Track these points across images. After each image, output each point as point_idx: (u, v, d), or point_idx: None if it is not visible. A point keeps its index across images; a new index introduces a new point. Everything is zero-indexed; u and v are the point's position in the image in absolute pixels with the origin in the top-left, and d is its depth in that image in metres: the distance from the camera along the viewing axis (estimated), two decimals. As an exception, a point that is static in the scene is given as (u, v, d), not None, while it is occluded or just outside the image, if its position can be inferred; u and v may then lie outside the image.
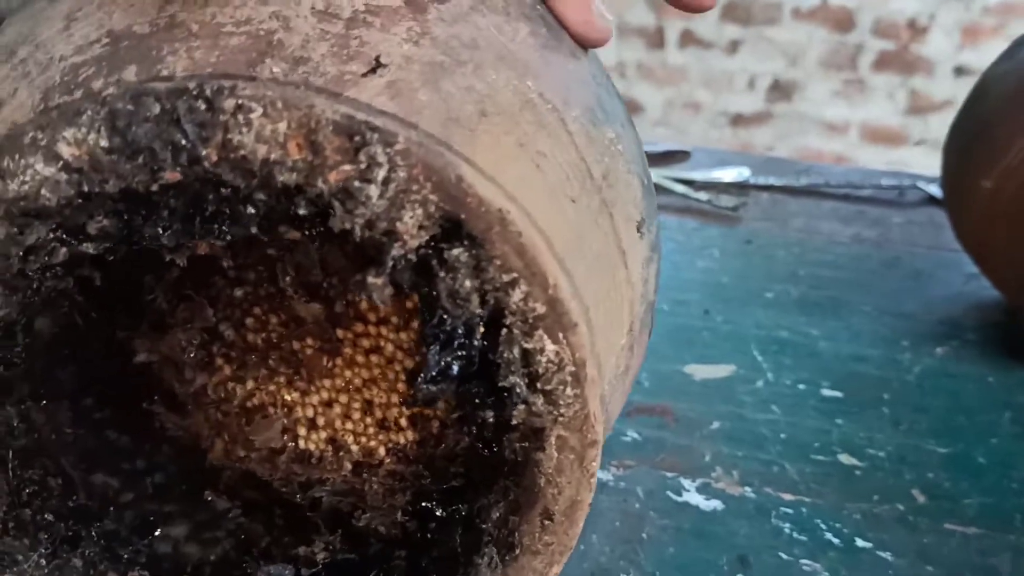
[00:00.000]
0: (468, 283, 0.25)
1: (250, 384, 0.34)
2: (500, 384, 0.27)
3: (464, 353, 0.27)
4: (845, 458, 0.52)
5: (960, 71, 2.23)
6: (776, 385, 0.57)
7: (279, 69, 0.24)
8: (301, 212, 0.24)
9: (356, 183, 0.23)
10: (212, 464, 0.36)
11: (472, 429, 0.30)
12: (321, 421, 0.34)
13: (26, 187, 0.23)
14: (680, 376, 0.57)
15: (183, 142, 0.23)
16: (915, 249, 0.75)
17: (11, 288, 0.26)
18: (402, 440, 0.34)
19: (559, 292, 0.26)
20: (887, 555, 0.45)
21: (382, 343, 0.33)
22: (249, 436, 0.34)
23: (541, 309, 0.26)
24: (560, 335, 0.26)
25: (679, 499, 0.48)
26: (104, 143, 0.23)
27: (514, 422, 0.28)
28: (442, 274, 0.25)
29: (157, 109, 0.23)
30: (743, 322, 0.63)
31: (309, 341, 0.33)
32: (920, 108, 2.30)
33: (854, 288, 0.69)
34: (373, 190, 0.24)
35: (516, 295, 0.25)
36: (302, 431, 0.34)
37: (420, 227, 0.24)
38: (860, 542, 0.46)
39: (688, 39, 2.39)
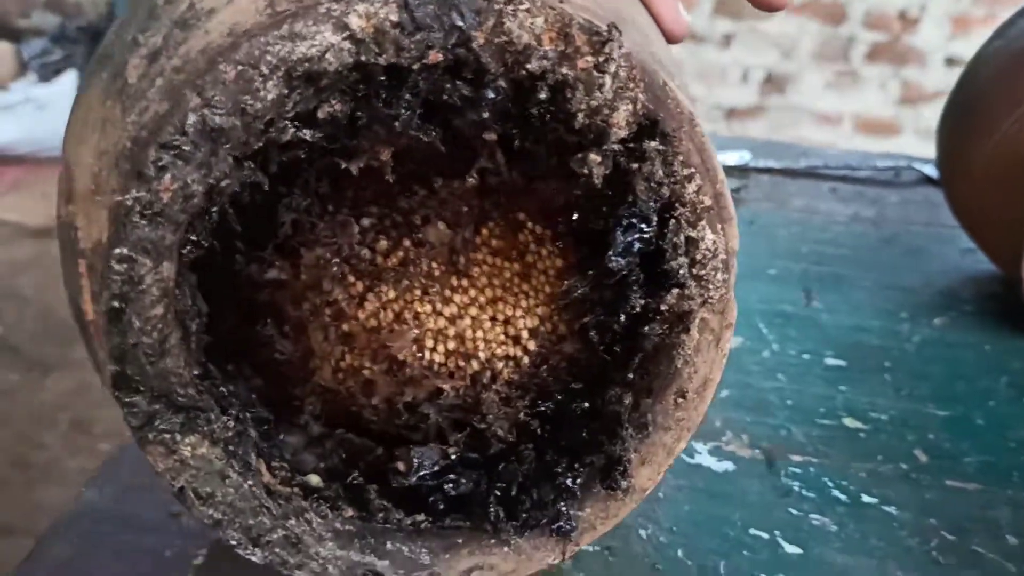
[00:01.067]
0: (660, 172, 0.30)
1: (385, 297, 0.36)
2: (664, 267, 0.31)
3: (643, 235, 0.31)
4: (850, 422, 0.54)
5: (951, 61, 2.25)
6: (781, 355, 0.59)
7: None
8: (540, 96, 0.28)
9: (595, 72, 0.28)
10: (300, 392, 0.37)
11: (604, 329, 0.35)
12: (451, 332, 0.37)
13: (313, 50, 0.26)
14: (689, 348, 0.60)
15: (459, 23, 0.27)
16: (912, 227, 0.77)
17: (242, 160, 0.28)
18: (520, 353, 0.37)
19: (725, 187, 0.30)
20: (892, 509, 0.47)
21: (499, 269, 0.36)
22: (383, 344, 0.36)
23: (708, 201, 0.30)
24: (719, 226, 0.31)
25: (692, 461, 0.50)
26: (393, 18, 0.26)
27: (663, 308, 0.32)
28: (639, 164, 0.30)
29: None
30: (748, 297, 0.65)
31: (439, 263, 0.36)
32: (912, 98, 2.33)
33: (854, 264, 0.71)
34: (607, 80, 0.28)
35: (691, 188, 0.30)
36: (430, 342, 0.37)
37: (627, 121, 0.29)
38: (866, 498, 0.48)
39: (682, 33, 2.40)
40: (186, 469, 0.31)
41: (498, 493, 0.36)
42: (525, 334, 0.37)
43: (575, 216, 0.35)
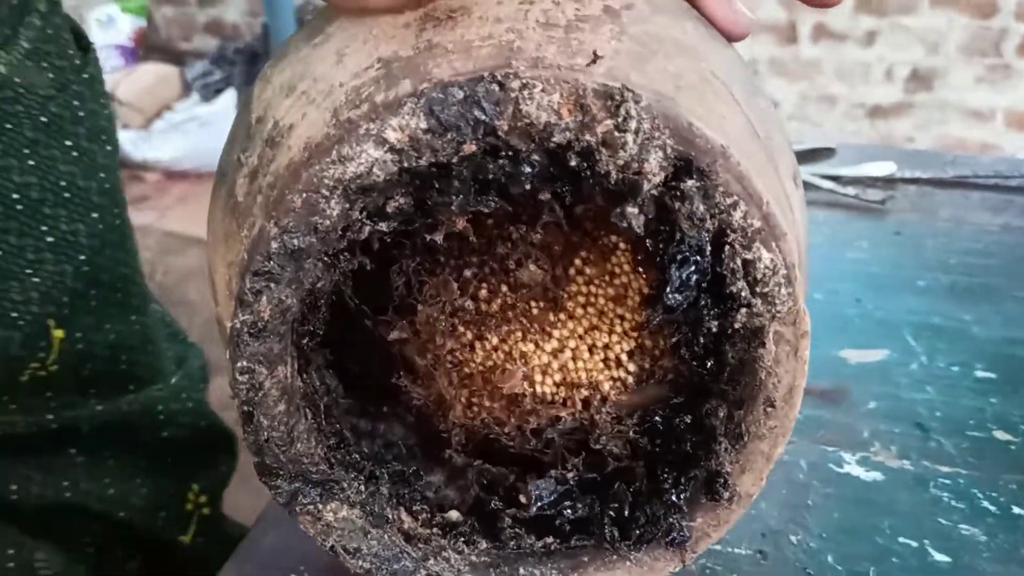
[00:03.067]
0: (701, 207, 0.32)
1: (491, 342, 0.40)
2: (727, 291, 0.33)
3: (698, 267, 0.33)
4: (1000, 434, 0.55)
5: (1114, 51, 2.14)
6: (930, 367, 0.60)
7: (524, 67, 0.31)
8: (571, 164, 0.31)
9: (616, 133, 0.30)
10: (446, 429, 0.42)
11: (692, 347, 0.37)
12: (555, 365, 0.40)
13: (361, 167, 0.30)
14: (836, 360, 0.61)
15: (482, 117, 0.30)
16: (1067, 236, 0.76)
17: (330, 263, 0.32)
18: (623, 374, 0.40)
19: (771, 208, 0.32)
20: (1044, 522, 0.48)
21: (594, 298, 0.39)
22: (496, 384, 0.40)
23: (757, 223, 0.32)
24: (773, 244, 0.32)
25: (840, 471, 0.52)
26: (423, 125, 0.30)
27: (736, 326, 0.34)
28: (679, 204, 0.32)
29: (461, 95, 0.30)
30: (895, 309, 0.66)
31: (536, 302, 0.40)
32: (1071, 91, 2.22)
33: (1005, 275, 0.70)
34: (629, 137, 0.30)
35: (737, 214, 0.32)
36: (538, 376, 0.40)
37: (660, 167, 0.31)
38: (1016, 509, 0.49)
39: (821, 32, 2.37)
40: (332, 531, 0.37)
41: (612, 514, 0.39)
42: (624, 357, 0.40)
43: (648, 241, 0.37)
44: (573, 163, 0.31)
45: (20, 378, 0.51)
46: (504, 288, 0.40)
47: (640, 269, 0.39)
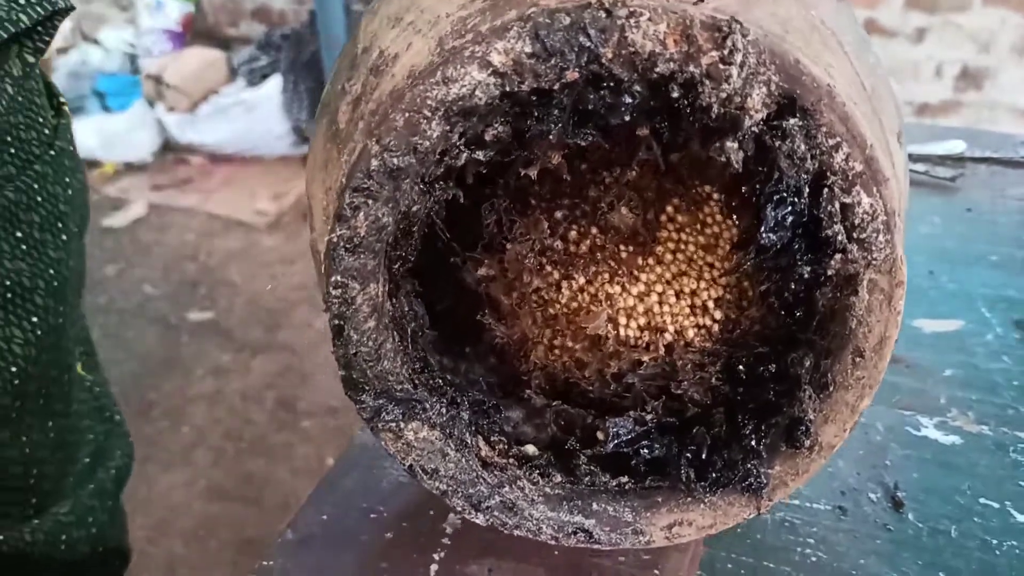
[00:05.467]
0: (803, 147, 0.31)
1: (577, 282, 0.40)
2: (822, 235, 0.32)
3: (795, 208, 0.33)
4: (1080, 404, 0.54)
5: None
6: (1006, 338, 0.60)
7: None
8: (673, 96, 0.30)
9: (721, 65, 0.30)
10: (526, 370, 0.42)
11: (781, 295, 0.36)
12: (640, 309, 0.40)
13: (464, 89, 0.30)
14: (910, 329, 0.61)
15: (587, 43, 0.30)
16: None
17: (426, 189, 0.33)
18: (708, 322, 0.40)
19: (875, 151, 0.31)
20: None
21: (684, 245, 0.39)
22: (580, 325, 0.40)
23: (859, 167, 0.31)
24: (875, 189, 0.32)
25: (918, 434, 0.52)
26: (528, 49, 0.30)
27: (829, 272, 0.33)
28: (780, 142, 0.31)
29: (567, 20, 0.29)
30: (969, 282, 0.66)
31: (625, 246, 0.40)
32: None
33: (1079, 253, 0.70)
34: (734, 71, 0.30)
35: (839, 156, 0.31)
36: (623, 320, 0.40)
37: (763, 103, 0.30)
38: (1101, 476, 0.48)
39: (871, 28, 2.34)
40: (412, 450, 0.37)
41: (689, 456, 0.38)
42: (711, 304, 0.40)
43: (744, 187, 0.37)
44: (675, 95, 0.31)
45: None
46: (594, 230, 0.40)
47: (733, 216, 0.39)
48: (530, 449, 0.40)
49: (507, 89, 0.30)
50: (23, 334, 0.45)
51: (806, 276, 0.35)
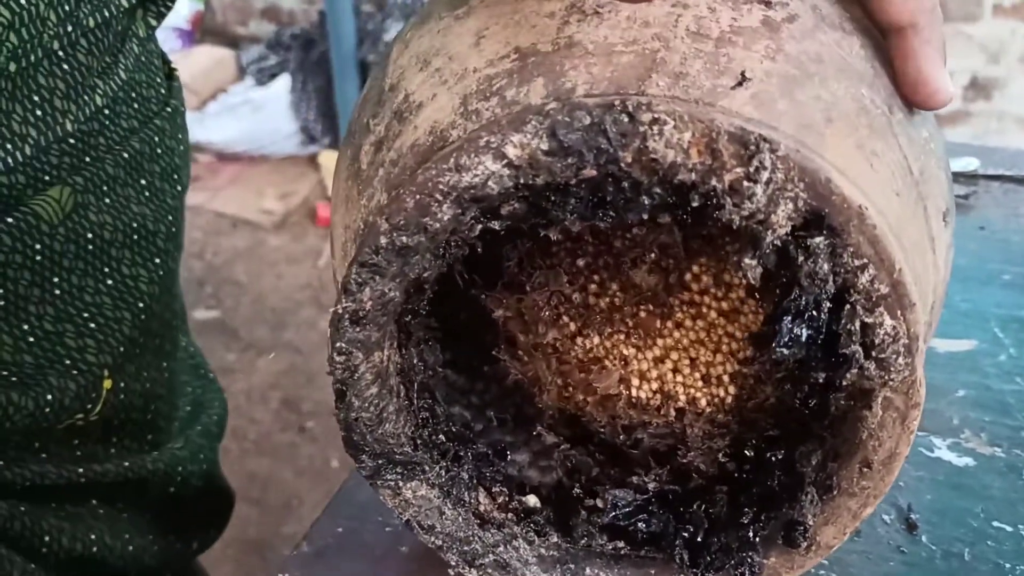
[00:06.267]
0: (825, 266, 0.30)
1: (592, 340, 0.39)
2: (839, 351, 0.31)
3: (812, 324, 0.31)
4: (1093, 427, 0.54)
5: None
6: (1019, 359, 0.60)
7: (663, 83, 0.30)
8: (693, 205, 0.29)
9: (745, 183, 0.28)
10: (540, 406, 0.42)
11: (798, 388, 0.36)
12: (653, 374, 0.40)
13: (477, 179, 0.29)
14: (922, 348, 0.61)
15: (606, 147, 0.28)
16: None
17: (437, 255, 0.32)
18: (722, 394, 0.39)
19: (903, 276, 0.30)
20: None
21: (705, 310, 0.38)
22: (591, 383, 0.40)
23: (885, 290, 0.30)
24: (899, 312, 0.30)
25: (931, 455, 0.52)
26: (544, 147, 0.29)
27: (844, 383, 0.32)
28: (802, 258, 0.30)
29: (587, 120, 0.28)
30: (982, 301, 0.66)
31: (645, 306, 0.39)
32: None
33: (1092, 273, 0.70)
34: (759, 189, 0.28)
35: (864, 277, 0.30)
36: (635, 381, 0.40)
37: (788, 218, 0.29)
38: (1114, 501, 0.48)
39: (880, 37, 2.34)
40: (410, 506, 0.37)
41: (685, 536, 0.38)
42: (725, 379, 0.39)
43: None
44: (695, 204, 0.29)
45: (59, 426, 0.48)
46: (614, 286, 0.39)
47: (756, 297, 0.38)
48: (531, 500, 0.40)
49: (520, 182, 0.29)
50: (148, 273, 0.49)
51: (820, 381, 0.34)
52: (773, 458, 0.37)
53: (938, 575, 0.44)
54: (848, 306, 0.31)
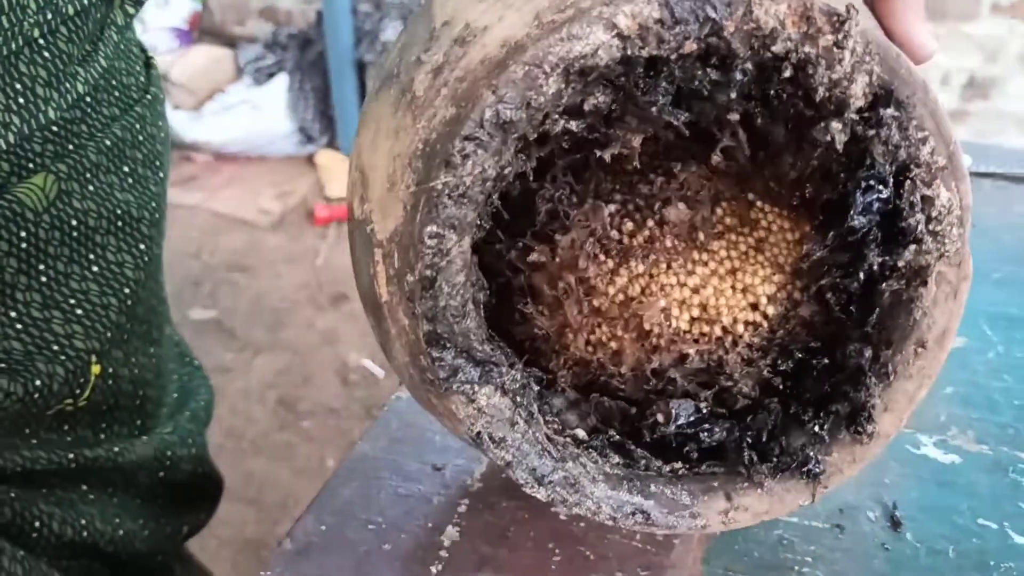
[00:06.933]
0: (896, 137, 0.33)
1: (634, 271, 0.40)
2: (901, 224, 0.34)
3: (880, 196, 0.34)
4: (1080, 424, 0.54)
5: None
6: (1007, 357, 0.60)
7: None
8: (785, 75, 0.32)
9: (835, 49, 0.31)
10: (555, 366, 0.42)
11: (838, 291, 0.38)
12: (695, 301, 0.40)
13: (588, 48, 0.31)
14: (910, 345, 0.61)
15: (713, 15, 0.31)
16: None
17: (520, 151, 0.33)
18: (760, 317, 0.40)
19: (957, 148, 0.33)
20: None
21: (736, 243, 0.40)
22: (635, 313, 0.40)
23: (943, 161, 0.33)
24: (953, 184, 0.33)
25: (917, 452, 0.52)
26: (655, 15, 0.31)
27: (900, 263, 0.35)
28: (877, 131, 0.33)
29: None
30: (972, 299, 0.64)
31: (681, 239, 0.40)
32: None
33: (1082, 270, 0.69)
34: (847, 55, 0.31)
35: (925, 149, 0.33)
36: (675, 311, 0.40)
37: (863, 92, 0.32)
38: (1100, 498, 0.48)
39: (878, 36, 2.34)
40: (482, 416, 0.36)
41: (750, 440, 0.39)
42: (764, 300, 0.40)
43: (807, 188, 0.38)
44: (786, 74, 0.32)
45: (48, 412, 0.48)
46: (650, 223, 0.40)
47: (792, 215, 0.40)
48: (580, 433, 0.39)
49: (628, 53, 0.31)
50: (133, 259, 0.50)
51: (875, 267, 0.36)
52: (819, 365, 0.39)
53: (922, 572, 0.44)
54: (909, 180, 0.33)
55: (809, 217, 0.39)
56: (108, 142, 0.48)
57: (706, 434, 0.39)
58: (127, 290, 0.50)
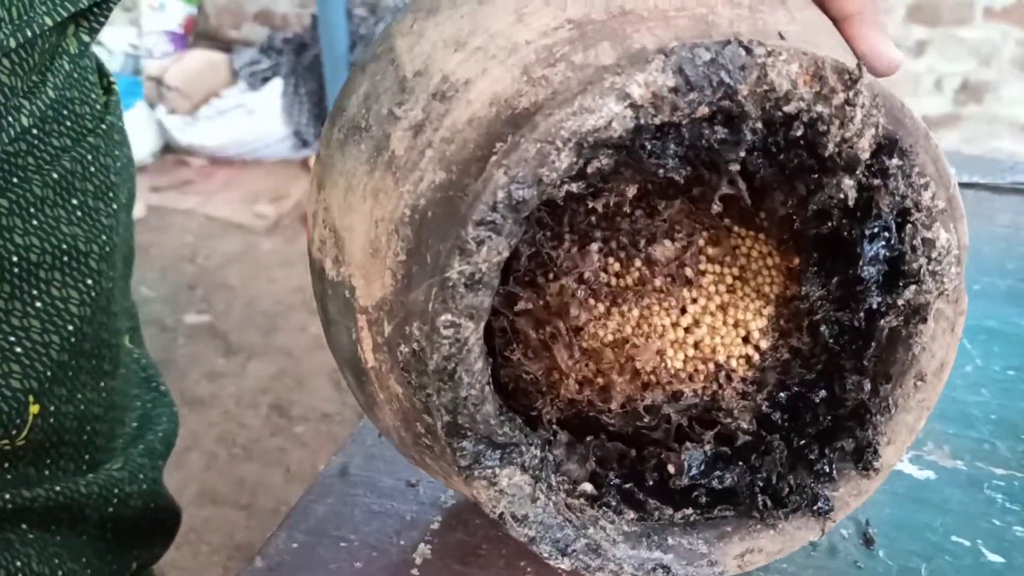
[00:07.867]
0: (902, 186, 0.33)
1: (628, 313, 0.39)
2: (904, 268, 0.34)
3: (887, 242, 0.35)
4: (1057, 439, 0.54)
5: None
6: (985, 370, 0.60)
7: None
8: (796, 133, 0.32)
9: (847, 107, 0.31)
10: (542, 411, 0.41)
11: (834, 325, 0.38)
12: (689, 340, 0.40)
13: (601, 121, 0.30)
14: (889, 359, 0.61)
15: (727, 80, 0.30)
16: None
17: (538, 217, 0.33)
18: (752, 351, 0.40)
19: (956, 190, 0.34)
20: (1102, 527, 0.47)
21: (722, 276, 0.40)
22: (629, 357, 0.39)
23: (942, 205, 0.34)
24: (952, 225, 0.34)
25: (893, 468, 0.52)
26: (670, 83, 0.30)
27: (899, 302, 0.35)
28: (883, 181, 0.33)
29: (708, 56, 0.30)
30: (950, 311, 0.65)
31: (668, 278, 0.39)
32: None
33: (1063, 282, 0.69)
34: (858, 112, 0.31)
35: (927, 194, 0.33)
36: (670, 351, 0.40)
37: (870, 144, 0.32)
38: (1074, 514, 0.48)
39: (872, 41, 2.34)
40: (504, 496, 0.36)
41: (760, 484, 0.39)
42: (756, 334, 0.40)
43: (795, 222, 0.37)
44: (797, 133, 0.32)
45: None
46: (637, 262, 0.40)
47: (781, 249, 0.40)
48: (587, 487, 0.39)
49: (640, 122, 0.30)
50: (79, 295, 0.48)
51: (875, 306, 0.36)
52: (816, 398, 0.40)
53: (893, 591, 0.44)
54: (910, 224, 0.34)
55: (799, 252, 0.39)
56: (56, 175, 0.47)
57: (718, 480, 0.39)
58: (71, 327, 0.48)
